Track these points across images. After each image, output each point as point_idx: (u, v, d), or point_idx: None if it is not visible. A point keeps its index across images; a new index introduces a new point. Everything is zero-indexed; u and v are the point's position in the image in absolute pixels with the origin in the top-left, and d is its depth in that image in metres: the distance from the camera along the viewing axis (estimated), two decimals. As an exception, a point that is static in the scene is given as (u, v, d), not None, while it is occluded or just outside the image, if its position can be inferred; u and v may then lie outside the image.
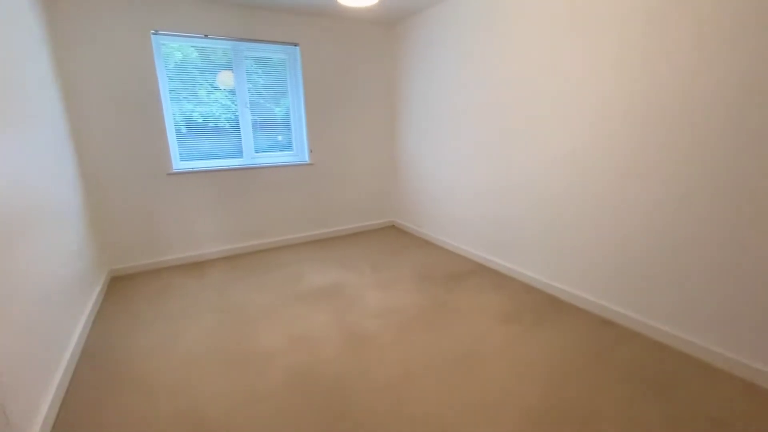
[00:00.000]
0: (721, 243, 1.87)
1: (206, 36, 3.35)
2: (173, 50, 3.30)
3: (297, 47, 3.80)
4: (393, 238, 4.30)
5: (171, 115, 3.37)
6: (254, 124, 3.78)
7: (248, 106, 3.71)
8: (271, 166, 3.88)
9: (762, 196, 1.72)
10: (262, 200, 3.90)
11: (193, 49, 3.37)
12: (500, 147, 3.06)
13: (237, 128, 3.70)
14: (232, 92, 3.61)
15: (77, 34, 2.89)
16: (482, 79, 3.13)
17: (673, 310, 2.11)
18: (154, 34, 3.17)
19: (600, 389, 1.82)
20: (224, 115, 3.59)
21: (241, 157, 3.78)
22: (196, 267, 3.52)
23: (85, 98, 2.99)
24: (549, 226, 2.76)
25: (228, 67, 3.54)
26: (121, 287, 3.12)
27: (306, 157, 4.10)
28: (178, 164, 3.50)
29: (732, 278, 1.86)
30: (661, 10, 1.96)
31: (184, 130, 3.47)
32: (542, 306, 2.63)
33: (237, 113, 3.67)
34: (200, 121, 3.50)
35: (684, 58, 1.90)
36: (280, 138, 3.90)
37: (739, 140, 1.76)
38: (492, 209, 3.24)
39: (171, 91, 3.34)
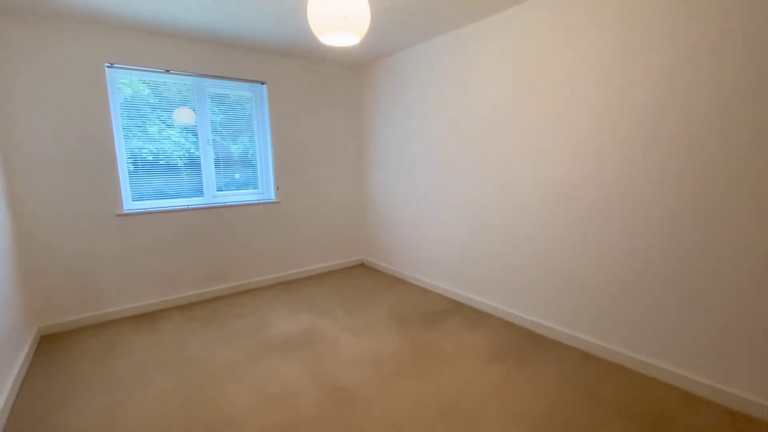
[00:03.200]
0: (704, 275, 1.96)
1: (167, 71, 3.21)
2: (123, 86, 3.10)
3: (264, 85, 3.74)
4: (364, 277, 4.16)
5: (123, 152, 3.11)
6: (216, 162, 3.59)
7: (210, 143, 3.53)
8: (234, 205, 3.66)
9: (734, 229, 1.83)
10: (225, 241, 3.64)
11: (144, 85, 3.19)
12: (473, 185, 3.12)
13: (197, 166, 3.49)
14: (188, 129, 3.43)
15: (20, 61, 2.63)
16: (452, 118, 3.23)
17: (655, 342, 2.15)
18: (109, 67, 2.97)
19: (597, 429, 1.75)
20: (176, 153, 3.37)
21: (202, 195, 3.55)
22: (148, 319, 3.14)
23: (20, 132, 2.68)
24: (526, 261, 2.79)
25: (184, 103, 3.38)
26: (56, 347, 2.67)
27: (272, 195, 3.94)
28: (130, 205, 3.19)
29: (712, 309, 1.94)
30: (633, 49, 2.14)
31: (135, 168, 3.21)
32: (525, 343, 2.59)
33: (196, 151, 3.47)
34: (150, 159, 3.26)
35: (649, 97, 2.06)
36: (237, 176, 3.71)
37: (704, 170, 1.90)
38: (466, 246, 3.24)
39: (124, 128, 3.11)
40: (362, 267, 4.56)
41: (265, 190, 3.92)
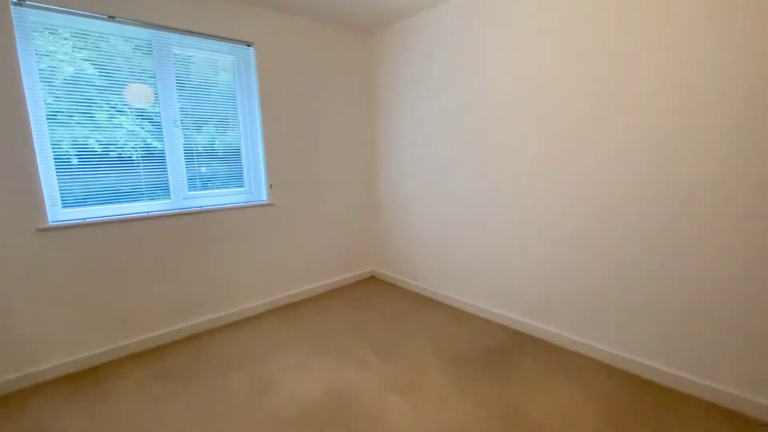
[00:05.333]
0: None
1: (111, 17, 2.20)
2: (62, 63, 2.10)
3: (251, 48, 2.79)
4: (381, 295, 3.34)
5: (46, 142, 2.10)
6: (188, 153, 2.63)
7: (178, 125, 2.56)
8: (213, 209, 2.72)
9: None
10: (201, 258, 2.70)
11: (86, 62, 2.18)
12: (542, 178, 2.37)
13: (160, 159, 2.52)
14: (147, 111, 2.45)
15: None
16: (493, 98, 2.45)
17: None
18: (16, 4, 1.95)
19: None
20: (131, 143, 2.39)
21: (168, 197, 2.58)
22: (93, 380, 2.18)
23: None
24: (618, 281, 2.08)
25: (141, 75, 2.39)
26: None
27: (263, 196, 3.02)
28: (60, 213, 2.19)
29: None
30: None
31: (78, 163, 2.21)
32: (633, 397, 1.89)
33: (157, 138, 2.50)
34: (98, 150, 2.27)
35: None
36: (203, 169, 2.72)
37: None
38: (531, 259, 2.50)
39: (57, 112, 2.11)
40: (373, 281, 3.73)
41: (253, 188, 2.99)
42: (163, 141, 2.51)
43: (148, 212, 2.46)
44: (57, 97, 2.12)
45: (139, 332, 2.48)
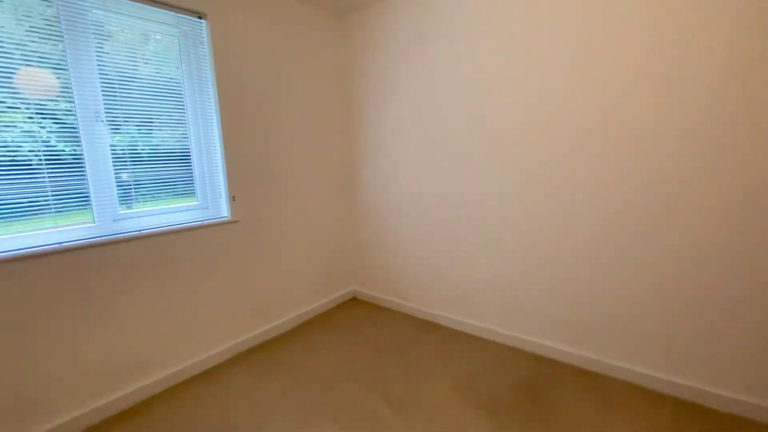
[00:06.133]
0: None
1: (-12, -44, 1.47)
2: None
3: (203, 21, 2.16)
4: (369, 321, 2.86)
5: None
6: (119, 157, 1.93)
7: (103, 119, 1.86)
8: (158, 233, 2.04)
9: None
10: (142, 297, 2.01)
11: None
12: (566, 174, 2.08)
13: (77, 165, 1.80)
14: (47, 104, 1.74)
15: None
16: (509, 78, 2.13)
17: None
18: None
19: None
20: (29, 144, 1.67)
21: (91, 219, 1.86)
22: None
23: None
24: (658, 297, 1.86)
25: (47, 55, 1.68)
26: None
27: (223, 211, 2.38)
28: None
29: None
30: None
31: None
32: (708, 429, 1.66)
33: (69, 139, 1.78)
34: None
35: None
36: (124, 177, 2.02)
37: None
38: (554, 275, 2.20)
39: None
40: (355, 303, 3.23)
41: (209, 202, 2.34)
42: (80, 142, 1.79)
43: (60, 243, 1.73)
44: None
45: (53, 415, 1.73)
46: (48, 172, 1.71)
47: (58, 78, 1.71)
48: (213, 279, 2.31)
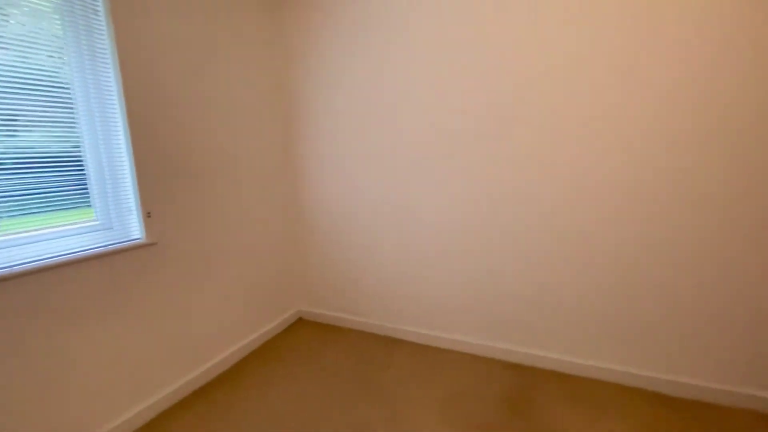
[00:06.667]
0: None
1: None
2: None
3: (96, -17, 1.64)
4: (325, 345, 2.53)
5: None
6: (-34, 162, 1.32)
7: (-64, 108, 1.25)
8: (30, 270, 1.46)
9: None
10: (18, 367, 1.41)
11: None
12: (528, 181, 2.05)
13: None
14: None
15: None
16: (470, 70, 2.06)
17: None
18: None
19: None
20: None
21: None
22: None
23: None
24: (623, 294, 1.93)
25: None
26: None
27: (134, 232, 1.85)
28: None
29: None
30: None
31: None
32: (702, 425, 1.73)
33: None
34: None
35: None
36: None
37: None
38: (521, 279, 2.16)
39: None
40: (302, 325, 2.86)
41: (115, 220, 1.78)
42: None
43: None
44: None
45: None
46: None
47: None
48: (124, 321, 1.77)
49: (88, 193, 1.68)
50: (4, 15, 1.39)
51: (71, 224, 1.62)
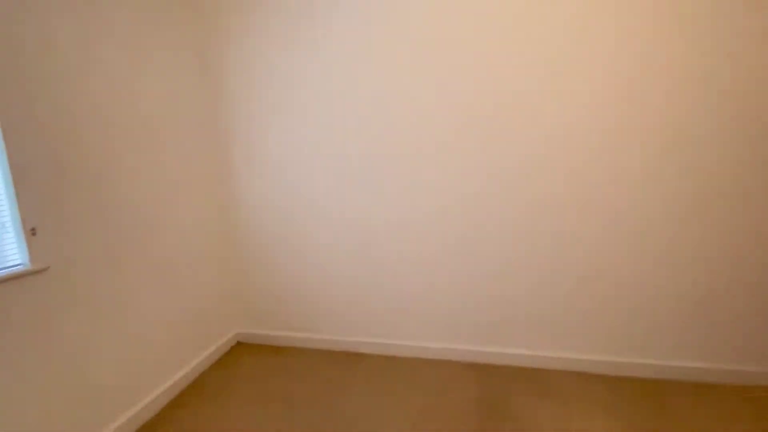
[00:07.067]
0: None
1: None
2: None
3: None
4: (272, 370, 2.22)
5: None
6: None
7: None
8: None
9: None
10: None
11: None
12: (484, 178, 2.04)
13: None
14: None
15: None
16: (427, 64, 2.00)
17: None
18: None
19: None
20: None
21: None
22: None
23: None
24: (581, 285, 2.02)
25: None
26: None
27: (14, 255, 1.39)
28: None
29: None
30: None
31: None
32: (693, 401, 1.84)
33: None
34: None
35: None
36: None
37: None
38: (476, 279, 2.13)
39: None
40: (242, 349, 2.51)
41: (-19, 242, 1.32)
42: None
43: None
44: None
45: None
46: None
47: None
48: (15, 373, 1.30)
49: (-66, 205, 1.20)
50: None
51: None
